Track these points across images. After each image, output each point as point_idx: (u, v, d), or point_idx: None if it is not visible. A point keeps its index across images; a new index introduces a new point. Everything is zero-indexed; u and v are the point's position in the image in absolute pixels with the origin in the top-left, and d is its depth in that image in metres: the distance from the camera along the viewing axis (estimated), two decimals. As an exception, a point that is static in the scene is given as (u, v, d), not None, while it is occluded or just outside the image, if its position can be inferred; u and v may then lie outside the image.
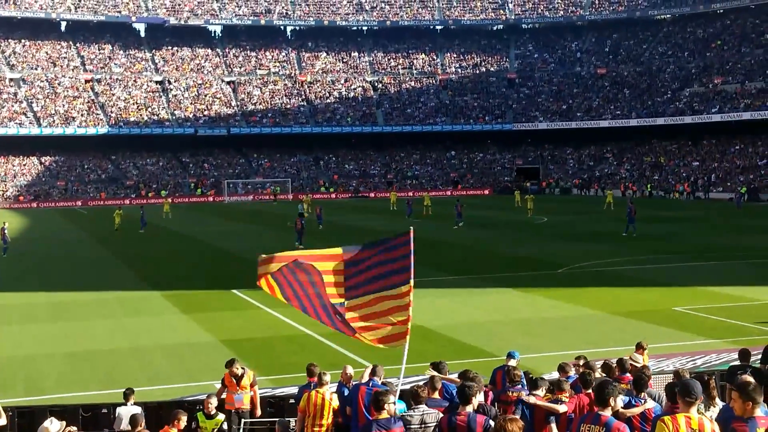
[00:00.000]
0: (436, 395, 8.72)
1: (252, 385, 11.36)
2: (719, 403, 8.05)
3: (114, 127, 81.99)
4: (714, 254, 31.53)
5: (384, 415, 6.94)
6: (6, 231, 36.55)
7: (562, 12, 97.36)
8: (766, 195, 64.85)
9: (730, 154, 75.63)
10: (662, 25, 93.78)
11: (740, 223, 44.81)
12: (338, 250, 9.23)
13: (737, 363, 10.88)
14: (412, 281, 8.72)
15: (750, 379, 6.69)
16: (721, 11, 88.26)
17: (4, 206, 72.04)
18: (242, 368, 11.36)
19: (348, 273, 9.06)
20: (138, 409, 10.56)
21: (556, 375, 10.25)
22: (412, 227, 8.98)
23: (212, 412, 10.23)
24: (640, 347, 11.35)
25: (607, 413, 6.52)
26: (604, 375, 9.69)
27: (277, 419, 11.02)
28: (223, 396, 11.31)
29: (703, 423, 5.79)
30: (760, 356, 10.94)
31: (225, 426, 10.24)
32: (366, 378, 9.67)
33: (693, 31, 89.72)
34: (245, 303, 23.19)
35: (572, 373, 9.93)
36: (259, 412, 11.43)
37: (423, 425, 7.32)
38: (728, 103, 75.83)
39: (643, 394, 8.05)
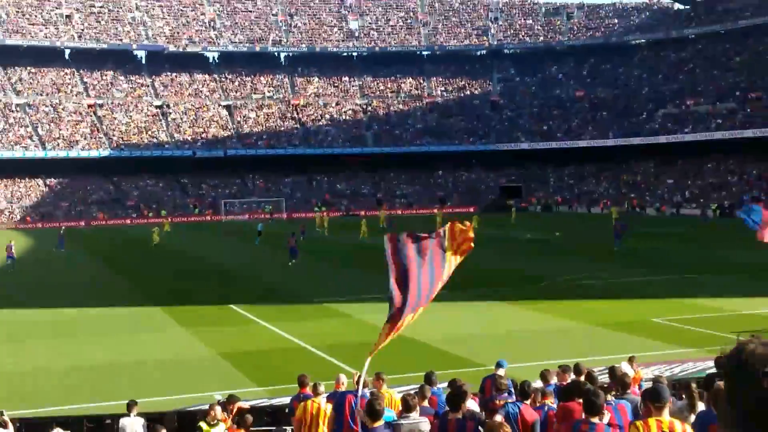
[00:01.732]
0: (426, 403, 8.85)
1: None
2: (701, 408, 8.09)
3: (116, 149, 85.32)
4: (690, 267, 32.30)
5: (379, 423, 6.74)
6: (13, 248, 38.58)
7: (542, 38, 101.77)
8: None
9: (703, 172, 78.67)
10: (637, 50, 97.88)
11: (713, 238, 45.85)
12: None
13: (714, 371, 11.21)
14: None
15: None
16: (693, 36, 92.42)
17: (11, 227, 75.01)
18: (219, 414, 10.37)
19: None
20: (141, 420, 10.68)
21: (539, 383, 10.31)
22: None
23: (214, 422, 10.06)
24: (631, 360, 12.30)
25: (603, 422, 6.58)
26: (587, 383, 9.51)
27: (273, 428, 11.52)
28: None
29: (674, 426, 5.85)
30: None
31: None
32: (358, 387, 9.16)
33: (666, 56, 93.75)
34: (243, 317, 24.11)
35: (553, 381, 10.20)
36: None
37: None
38: (700, 123, 79.27)
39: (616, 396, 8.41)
